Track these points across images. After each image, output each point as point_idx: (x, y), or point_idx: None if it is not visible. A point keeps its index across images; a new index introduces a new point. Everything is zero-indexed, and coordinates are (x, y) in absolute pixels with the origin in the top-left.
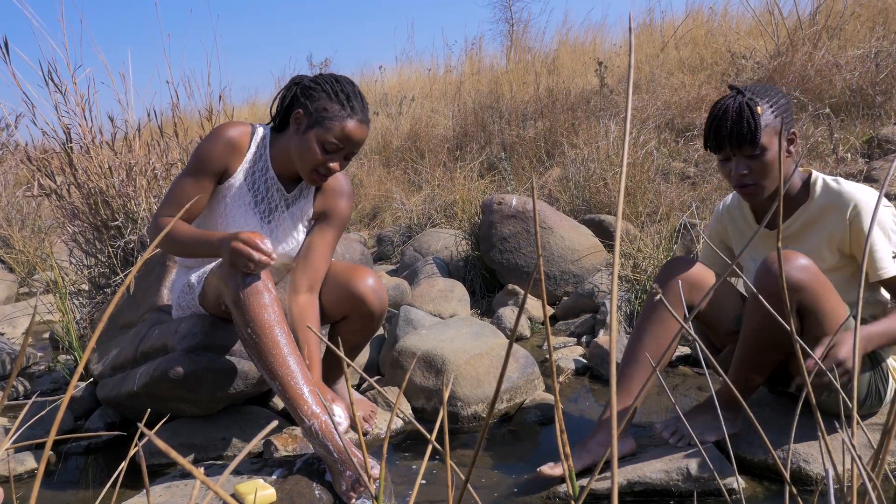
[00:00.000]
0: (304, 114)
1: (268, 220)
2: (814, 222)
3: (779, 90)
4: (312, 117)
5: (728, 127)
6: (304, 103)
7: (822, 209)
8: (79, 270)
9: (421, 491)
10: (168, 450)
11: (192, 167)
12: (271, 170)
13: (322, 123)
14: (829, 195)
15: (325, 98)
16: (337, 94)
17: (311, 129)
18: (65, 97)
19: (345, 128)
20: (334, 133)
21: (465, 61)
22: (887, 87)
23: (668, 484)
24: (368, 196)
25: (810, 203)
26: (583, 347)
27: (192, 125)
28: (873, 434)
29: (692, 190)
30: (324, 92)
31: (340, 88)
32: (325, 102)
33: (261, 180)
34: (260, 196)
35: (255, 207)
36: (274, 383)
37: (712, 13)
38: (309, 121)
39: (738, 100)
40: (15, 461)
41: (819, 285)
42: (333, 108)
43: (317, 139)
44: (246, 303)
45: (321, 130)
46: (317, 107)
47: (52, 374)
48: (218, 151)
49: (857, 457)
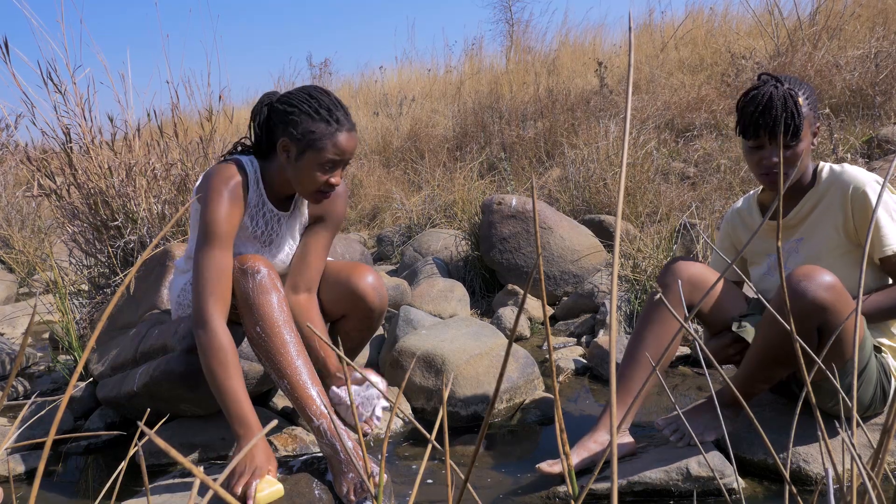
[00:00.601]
0: (290, 142)
1: (267, 243)
2: (818, 204)
3: (806, 83)
4: (301, 143)
5: (773, 116)
6: (288, 131)
7: (825, 191)
8: (78, 270)
9: (421, 491)
10: (168, 448)
11: (210, 237)
12: (269, 203)
13: (313, 146)
14: (832, 178)
15: (307, 120)
16: (318, 112)
17: (304, 155)
18: (64, 97)
19: (337, 144)
20: (329, 152)
21: (465, 62)
22: (887, 87)
23: (668, 484)
24: (368, 196)
25: (816, 188)
26: (583, 348)
27: (191, 125)
28: (873, 434)
29: (692, 190)
30: (304, 114)
31: (318, 104)
32: (308, 125)
33: (259, 215)
34: (260, 228)
35: (259, 238)
36: (282, 382)
37: (712, 13)
38: (298, 147)
39: (780, 90)
40: (15, 461)
41: (843, 305)
42: (320, 128)
43: (313, 163)
44: (255, 302)
45: (315, 153)
46: (302, 131)
47: (51, 374)
48: (230, 212)
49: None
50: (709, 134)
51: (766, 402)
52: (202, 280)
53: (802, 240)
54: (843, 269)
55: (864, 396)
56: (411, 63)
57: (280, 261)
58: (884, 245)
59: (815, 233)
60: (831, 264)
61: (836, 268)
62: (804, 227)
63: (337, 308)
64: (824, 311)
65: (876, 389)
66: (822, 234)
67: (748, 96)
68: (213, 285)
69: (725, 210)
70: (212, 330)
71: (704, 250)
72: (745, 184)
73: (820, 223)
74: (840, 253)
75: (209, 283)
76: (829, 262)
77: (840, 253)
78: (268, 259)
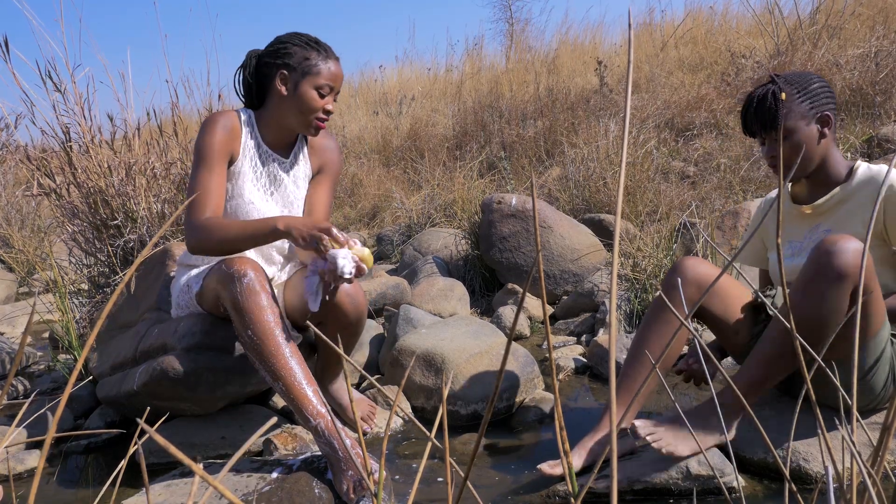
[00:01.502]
0: (287, 73)
1: (271, 191)
2: (848, 199)
3: (816, 78)
4: (298, 71)
5: (752, 113)
6: (283, 64)
7: (858, 187)
8: (78, 270)
9: (421, 489)
10: (168, 445)
11: (202, 161)
12: (263, 145)
13: (310, 71)
14: (868, 176)
15: (300, 50)
16: (309, 44)
17: (302, 82)
18: (64, 96)
19: (330, 68)
20: (324, 76)
21: (465, 61)
22: (887, 86)
23: (668, 482)
24: (368, 195)
25: (849, 182)
26: (582, 347)
27: (191, 124)
28: (873, 433)
29: (692, 189)
30: (296, 46)
31: (307, 38)
32: (303, 53)
33: (257, 157)
34: (259, 172)
35: (258, 182)
36: (277, 385)
37: (712, 12)
38: (295, 76)
39: (767, 87)
40: (14, 460)
41: (870, 273)
42: (313, 55)
43: (312, 87)
44: (244, 305)
45: (312, 78)
46: (298, 59)
47: (51, 373)
48: (221, 138)
49: (856, 453)
50: (709, 133)
51: (766, 400)
52: (194, 198)
53: (830, 231)
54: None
55: (877, 384)
56: (411, 62)
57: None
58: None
59: (843, 227)
60: None
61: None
62: (833, 219)
63: (312, 316)
64: (853, 276)
65: (888, 377)
66: (850, 229)
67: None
68: (203, 198)
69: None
70: (206, 219)
71: (704, 249)
72: (745, 183)
73: (850, 218)
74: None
75: (199, 198)
76: None
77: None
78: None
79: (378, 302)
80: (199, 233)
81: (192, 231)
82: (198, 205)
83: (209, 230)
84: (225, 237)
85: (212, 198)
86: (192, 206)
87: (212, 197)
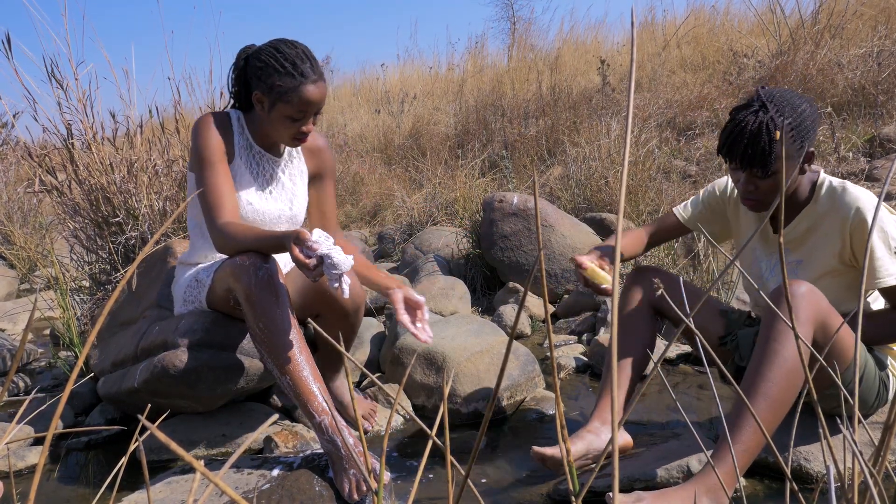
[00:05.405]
0: (262, 94)
1: (268, 190)
2: (816, 227)
3: (805, 104)
4: (271, 95)
5: (742, 147)
6: (259, 85)
7: (824, 213)
8: (80, 267)
9: (421, 488)
10: (168, 441)
11: (206, 162)
12: (255, 145)
13: (281, 98)
14: (832, 200)
15: (274, 74)
16: (284, 67)
17: (275, 107)
18: (66, 93)
19: (301, 96)
20: (294, 105)
21: (467, 59)
22: (889, 86)
23: (669, 481)
24: (369, 194)
25: (814, 205)
26: (583, 346)
27: (192, 122)
28: (874, 433)
29: (693, 188)
30: (270, 68)
31: (284, 59)
32: (275, 79)
33: (250, 156)
34: (254, 171)
35: (254, 182)
36: (284, 379)
37: (714, 12)
38: (269, 99)
39: (758, 118)
40: (15, 457)
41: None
42: (286, 82)
43: (282, 115)
44: (257, 298)
45: (283, 106)
46: (270, 84)
47: (52, 370)
48: (216, 137)
49: (858, 452)
50: (710, 132)
51: None
52: (207, 199)
53: (801, 262)
54: (842, 291)
55: (869, 396)
56: (413, 61)
57: (294, 214)
58: (876, 277)
59: (814, 258)
60: (829, 285)
61: (835, 290)
62: (803, 250)
63: (308, 308)
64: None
65: (878, 385)
66: (821, 260)
67: (732, 116)
68: (219, 199)
69: None
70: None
71: (705, 248)
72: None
73: (819, 248)
74: (838, 274)
75: (214, 200)
76: (826, 284)
77: (838, 274)
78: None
79: (379, 300)
80: (222, 235)
81: (215, 233)
82: (215, 207)
83: (230, 237)
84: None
85: (227, 198)
86: (210, 210)
87: (226, 197)
